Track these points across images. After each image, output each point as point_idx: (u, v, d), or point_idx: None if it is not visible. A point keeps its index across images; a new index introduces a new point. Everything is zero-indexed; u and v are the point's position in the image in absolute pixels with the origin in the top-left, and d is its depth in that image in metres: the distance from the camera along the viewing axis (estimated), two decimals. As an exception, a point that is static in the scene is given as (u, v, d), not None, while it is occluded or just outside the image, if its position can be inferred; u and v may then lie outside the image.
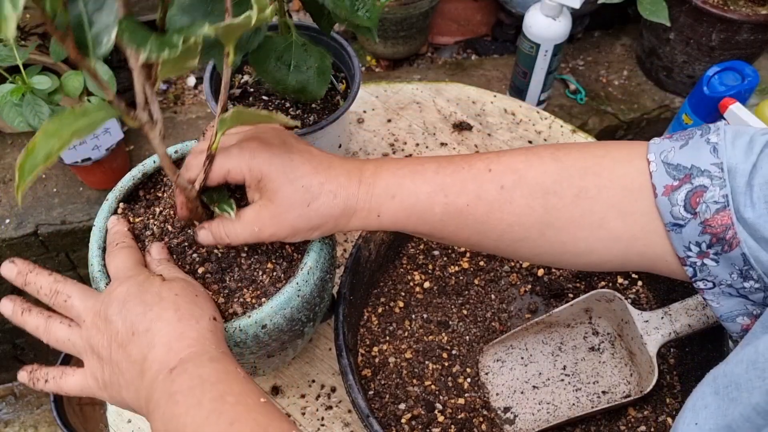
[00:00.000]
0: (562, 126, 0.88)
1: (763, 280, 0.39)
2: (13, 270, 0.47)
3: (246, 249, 0.51)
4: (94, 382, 0.43)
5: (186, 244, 0.50)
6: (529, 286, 0.70)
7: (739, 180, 0.38)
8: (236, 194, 0.51)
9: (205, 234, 0.48)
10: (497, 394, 0.64)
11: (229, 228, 0.46)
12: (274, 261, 0.51)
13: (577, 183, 0.43)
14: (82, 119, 0.34)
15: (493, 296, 0.69)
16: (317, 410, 0.64)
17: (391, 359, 0.64)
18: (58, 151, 0.32)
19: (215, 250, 0.50)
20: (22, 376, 0.47)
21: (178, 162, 0.56)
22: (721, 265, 0.40)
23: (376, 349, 0.64)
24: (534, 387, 0.64)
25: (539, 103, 1.34)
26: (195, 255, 0.50)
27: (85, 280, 1.31)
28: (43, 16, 0.29)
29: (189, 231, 0.51)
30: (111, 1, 0.34)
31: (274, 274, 0.50)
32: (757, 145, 0.39)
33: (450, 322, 0.67)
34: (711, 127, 0.42)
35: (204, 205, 0.48)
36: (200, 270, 0.49)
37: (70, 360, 1.33)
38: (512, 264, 0.71)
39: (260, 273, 0.50)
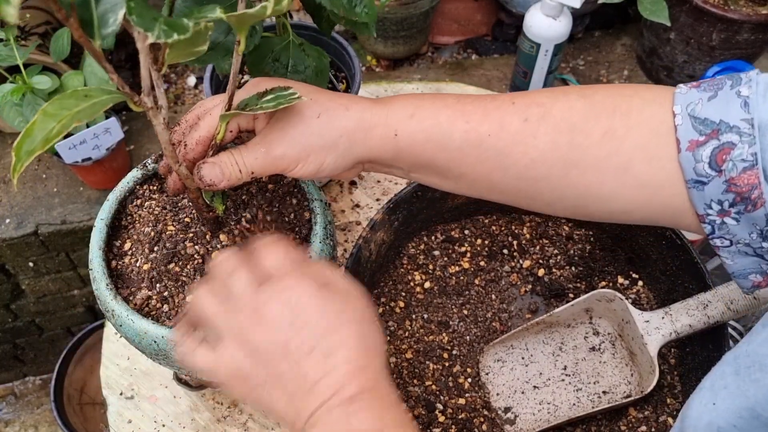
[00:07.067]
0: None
1: None
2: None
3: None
4: (229, 370, 0.40)
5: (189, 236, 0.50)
6: (530, 286, 0.70)
7: None
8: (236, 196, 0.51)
9: (210, 168, 0.43)
10: (498, 394, 0.64)
11: (237, 156, 0.43)
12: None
13: (605, 122, 0.41)
14: (84, 102, 0.32)
15: (493, 296, 0.69)
16: (318, 410, 0.64)
17: (392, 359, 0.64)
18: (56, 135, 0.31)
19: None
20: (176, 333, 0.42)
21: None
22: (742, 225, 0.39)
23: (376, 349, 0.64)
24: (534, 387, 0.64)
25: (539, 102, 1.34)
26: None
27: (85, 279, 1.31)
28: None
29: (193, 228, 0.51)
30: None
31: None
32: None
33: (450, 322, 0.67)
34: (743, 78, 0.39)
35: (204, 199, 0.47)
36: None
37: (74, 354, 1.33)
38: (513, 264, 0.71)
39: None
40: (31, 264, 1.22)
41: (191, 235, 0.51)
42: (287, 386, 0.38)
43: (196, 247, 0.50)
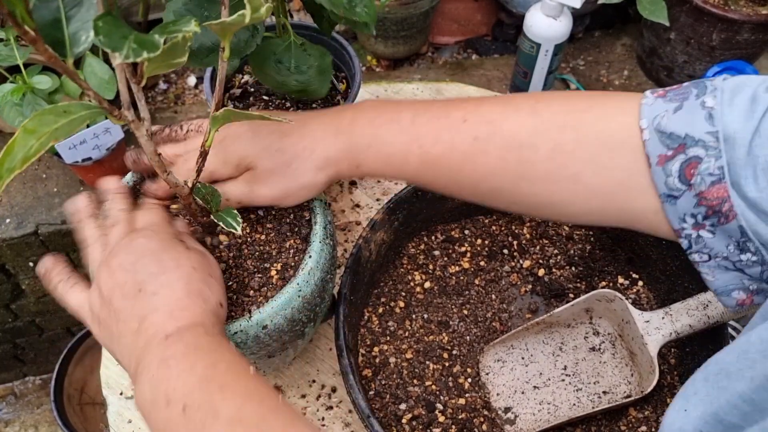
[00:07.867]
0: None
1: (761, 252, 0.37)
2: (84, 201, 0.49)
3: (253, 253, 0.51)
4: (89, 313, 0.44)
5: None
6: (530, 286, 0.70)
7: (738, 150, 0.36)
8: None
9: None
10: (498, 394, 0.64)
11: (227, 189, 0.48)
12: (277, 263, 0.51)
13: (554, 137, 0.42)
14: (63, 118, 0.33)
15: (493, 296, 0.69)
16: (318, 410, 0.64)
17: (392, 359, 0.64)
18: (35, 154, 0.31)
19: (223, 252, 0.50)
20: (46, 262, 0.47)
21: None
22: (718, 237, 0.39)
23: (376, 349, 0.64)
24: (535, 387, 0.64)
25: (540, 102, 1.34)
26: None
27: (85, 279, 1.31)
28: (13, 22, 0.28)
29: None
30: None
31: (284, 274, 0.50)
32: (760, 105, 0.36)
33: (450, 322, 0.67)
34: (708, 86, 0.39)
35: (197, 203, 0.48)
36: None
37: (74, 354, 1.34)
38: (513, 264, 0.71)
39: (269, 268, 0.50)
40: (31, 264, 1.22)
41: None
42: (120, 325, 0.41)
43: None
